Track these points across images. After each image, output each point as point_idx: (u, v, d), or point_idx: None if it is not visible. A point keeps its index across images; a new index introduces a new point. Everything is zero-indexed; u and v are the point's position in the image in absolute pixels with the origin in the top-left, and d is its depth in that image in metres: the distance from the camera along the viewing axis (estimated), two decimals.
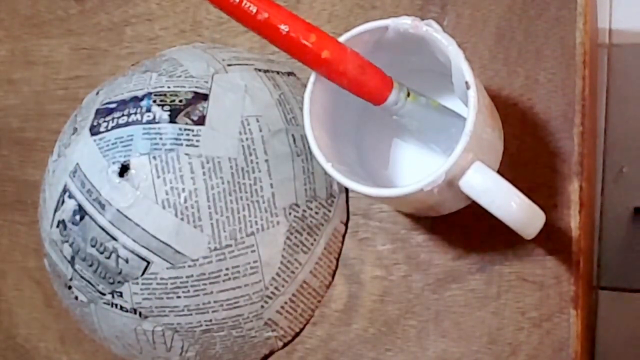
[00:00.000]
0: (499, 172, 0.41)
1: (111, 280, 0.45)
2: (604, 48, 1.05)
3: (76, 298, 0.49)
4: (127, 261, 0.45)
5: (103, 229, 0.45)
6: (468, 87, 0.39)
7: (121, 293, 0.46)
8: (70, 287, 0.48)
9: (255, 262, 0.46)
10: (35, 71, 0.61)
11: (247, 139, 0.46)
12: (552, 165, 0.45)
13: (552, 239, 0.45)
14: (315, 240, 0.48)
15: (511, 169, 0.45)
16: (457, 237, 0.47)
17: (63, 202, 0.47)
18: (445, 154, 0.42)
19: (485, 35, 0.48)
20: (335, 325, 0.49)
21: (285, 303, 0.47)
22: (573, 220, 0.45)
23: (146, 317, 0.46)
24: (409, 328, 0.48)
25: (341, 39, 0.42)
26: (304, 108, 0.42)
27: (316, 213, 0.48)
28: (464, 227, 0.47)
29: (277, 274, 0.46)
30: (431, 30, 0.40)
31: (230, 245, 0.45)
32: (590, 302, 0.90)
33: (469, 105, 0.39)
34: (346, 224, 0.50)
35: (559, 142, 0.46)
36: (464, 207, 0.46)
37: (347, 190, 0.50)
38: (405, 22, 0.41)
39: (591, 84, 0.48)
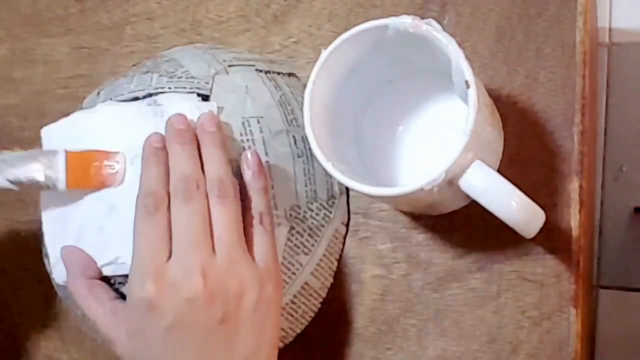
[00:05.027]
0: (499, 171, 0.41)
1: (112, 282, 0.45)
2: (604, 47, 1.04)
3: None
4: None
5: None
6: (468, 86, 0.39)
7: (124, 296, 0.46)
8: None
9: None
10: (35, 70, 0.61)
11: (247, 140, 0.46)
12: (552, 164, 0.45)
13: (552, 237, 0.45)
14: (316, 241, 0.48)
15: (511, 168, 0.45)
16: (457, 236, 0.47)
17: None
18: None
19: (485, 34, 0.48)
20: (335, 324, 0.49)
21: (286, 304, 0.47)
22: (573, 219, 0.45)
23: None
24: (409, 327, 0.48)
25: (341, 38, 0.42)
26: (305, 107, 0.42)
27: (317, 214, 0.48)
28: (464, 226, 0.47)
29: None
30: (431, 29, 0.40)
31: None
32: (590, 301, 0.90)
33: (469, 104, 0.39)
34: (347, 225, 0.50)
35: (559, 141, 0.46)
36: (464, 206, 0.46)
37: (348, 191, 0.50)
38: (405, 21, 0.41)
39: (591, 83, 0.48)
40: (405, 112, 0.47)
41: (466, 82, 0.39)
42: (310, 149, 0.45)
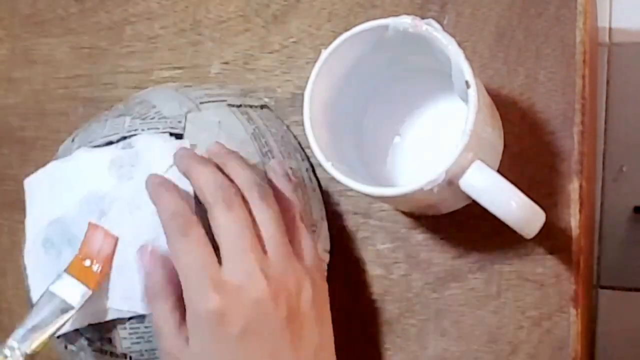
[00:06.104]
0: (499, 171, 0.41)
1: (98, 327, 0.45)
2: (604, 47, 1.04)
3: (65, 347, 0.48)
4: None
5: None
6: (468, 86, 0.39)
7: (110, 339, 0.45)
8: (58, 337, 0.48)
9: None
10: (35, 70, 0.61)
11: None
12: (552, 164, 0.46)
13: (552, 237, 0.45)
14: None
15: (511, 168, 0.45)
16: (457, 236, 0.47)
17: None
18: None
19: (485, 34, 0.48)
20: (335, 324, 0.49)
21: None
22: (573, 219, 0.45)
23: None
24: (408, 327, 0.48)
25: (341, 38, 0.43)
26: (305, 107, 0.42)
27: None
28: (464, 226, 0.47)
29: None
30: (431, 29, 0.40)
31: None
32: (590, 301, 0.90)
33: (469, 105, 0.39)
34: (330, 252, 0.49)
35: (559, 141, 0.46)
36: (464, 206, 0.46)
37: (327, 218, 0.49)
38: (405, 21, 0.41)
39: (591, 83, 0.48)
40: (405, 112, 0.47)
41: (466, 82, 0.39)
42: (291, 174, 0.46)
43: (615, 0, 1.05)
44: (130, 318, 0.44)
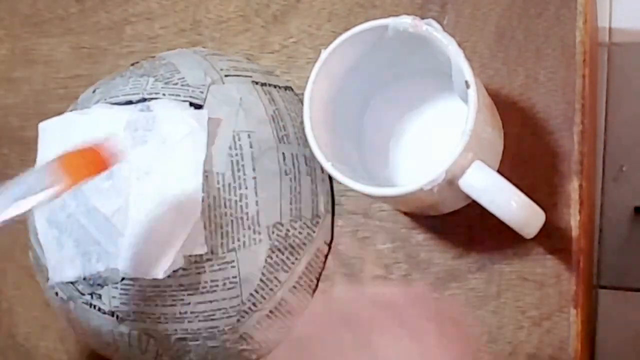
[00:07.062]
0: (498, 171, 0.41)
1: (91, 282, 0.45)
2: (604, 47, 1.05)
3: (56, 294, 0.48)
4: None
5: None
6: (468, 87, 0.39)
7: (100, 295, 0.45)
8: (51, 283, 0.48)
9: (234, 277, 0.45)
10: (35, 70, 0.61)
11: (236, 154, 0.45)
12: (552, 164, 0.45)
13: (552, 237, 0.45)
14: (296, 259, 0.47)
15: (511, 168, 0.45)
16: (457, 236, 0.47)
17: None
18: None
19: (485, 34, 0.48)
20: None
21: (262, 319, 0.47)
22: (573, 219, 0.45)
23: (123, 320, 0.46)
24: None
25: (341, 38, 0.43)
26: (304, 107, 0.42)
27: (300, 233, 0.47)
28: (464, 226, 0.47)
29: (256, 291, 0.46)
30: (431, 29, 0.40)
31: (211, 260, 0.45)
32: (590, 301, 0.90)
33: (469, 105, 0.39)
34: (329, 245, 0.49)
35: (559, 141, 0.46)
36: (464, 206, 0.46)
37: (333, 211, 0.50)
38: (405, 21, 0.41)
39: (591, 83, 0.48)
40: (405, 112, 0.47)
41: (466, 82, 0.39)
42: (298, 166, 0.45)
43: (615, 0, 1.05)
44: (123, 279, 0.44)
